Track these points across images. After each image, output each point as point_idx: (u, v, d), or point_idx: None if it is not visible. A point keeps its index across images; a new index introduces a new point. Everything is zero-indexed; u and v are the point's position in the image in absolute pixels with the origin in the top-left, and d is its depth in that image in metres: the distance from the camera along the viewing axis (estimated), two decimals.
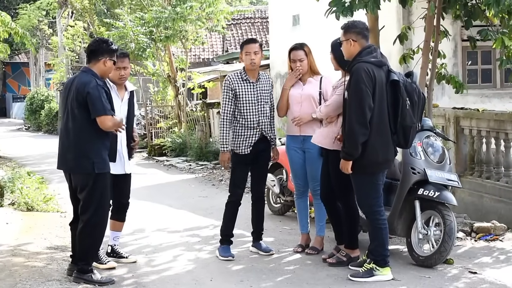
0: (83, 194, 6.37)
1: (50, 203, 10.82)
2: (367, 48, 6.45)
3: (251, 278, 6.69)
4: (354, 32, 6.50)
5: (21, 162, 19.07)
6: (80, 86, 6.28)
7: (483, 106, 10.82)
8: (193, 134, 20.05)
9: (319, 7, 9.05)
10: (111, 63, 6.48)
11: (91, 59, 6.48)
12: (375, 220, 6.51)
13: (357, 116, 6.24)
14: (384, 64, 6.44)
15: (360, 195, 6.61)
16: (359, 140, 6.26)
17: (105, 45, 6.46)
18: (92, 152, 6.29)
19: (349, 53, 6.53)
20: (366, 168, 6.39)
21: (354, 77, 6.31)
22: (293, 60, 7.47)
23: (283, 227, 9.16)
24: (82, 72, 6.50)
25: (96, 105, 6.20)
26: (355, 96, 6.27)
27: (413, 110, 6.44)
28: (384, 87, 6.34)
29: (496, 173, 9.53)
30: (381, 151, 6.38)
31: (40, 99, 37.44)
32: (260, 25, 32.52)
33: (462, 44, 12.29)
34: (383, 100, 6.33)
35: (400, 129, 6.42)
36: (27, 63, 49.23)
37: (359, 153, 6.30)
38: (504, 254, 7.53)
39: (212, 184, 13.92)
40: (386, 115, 6.36)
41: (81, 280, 6.37)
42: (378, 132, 6.31)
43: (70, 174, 6.51)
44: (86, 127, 6.26)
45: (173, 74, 21.59)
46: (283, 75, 17.42)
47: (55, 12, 37.45)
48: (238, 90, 7.41)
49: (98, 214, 6.38)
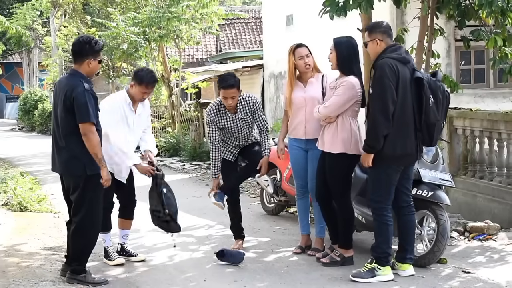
0: (75, 195, 6.35)
1: (43, 203, 10.80)
2: (392, 46, 6.51)
3: (245, 278, 6.69)
4: (379, 31, 6.54)
5: (15, 162, 19.03)
6: (68, 90, 6.21)
7: (476, 106, 10.84)
8: (187, 134, 20.04)
9: (312, 7, 9.06)
10: (96, 63, 6.41)
11: (76, 60, 6.41)
12: (381, 216, 6.50)
13: (380, 109, 6.27)
14: (409, 61, 6.47)
15: (372, 190, 6.59)
16: (382, 133, 6.28)
17: (88, 46, 6.36)
18: (83, 154, 6.22)
19: (375, 52, 6.54)
20: (383, 161, 6.38)
21: (378, 71, 6.35)
22: (300, 57, 7.29)
23: (277, 227, 9.16)
24: (70, 75, 6.43)
25: (81, 111, 6.15)
26: (378, 90, 6.30)
27: (437, 107, 6.45)
28: (408, 84, 6.36)
29: (490, 173, 9.55)
30: (400, 145, 6.37)
31: (34, 99, 37.38)
32: (254, 25, 32.48)
33: (456, 44, 12.30)
34: (407, 96, 6.35)
35: (424, 126, 6.44)
36: (21, 63, 49.09)
37: (381, 146, 6.32)
38: (498, 254, 7.54)
39: (206, 184, 13.91)
40: (409, 111, 6.37)
41: (74, 281, 6.36)
42: (398, 126, 6.32)
43: (62, 176, 6.51)
44: (75, 130, 6.20)
45: (167, 74, 21.57)
46: (277, 75, 17.44)
47: (48, 12, 37.37)
48: (219, 123, 7.70)
49: (90, 216, 6.34)
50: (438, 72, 6.76)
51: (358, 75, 6.96)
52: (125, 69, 26.94)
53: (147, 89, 7.14)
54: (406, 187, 6.63)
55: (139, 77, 7.09)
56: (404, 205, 6.60)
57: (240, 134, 7.75)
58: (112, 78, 28.01)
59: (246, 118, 7.68)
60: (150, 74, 7.19)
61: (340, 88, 6.86)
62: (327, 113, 6.91)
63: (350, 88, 6.83)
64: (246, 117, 7.67)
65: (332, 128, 6.92)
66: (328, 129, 6.96)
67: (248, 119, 7.69)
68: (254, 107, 7.67)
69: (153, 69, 7.48)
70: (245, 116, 7.66)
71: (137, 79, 7.10)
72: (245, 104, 7.64)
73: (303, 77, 7.41)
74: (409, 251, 6.62)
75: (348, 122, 6.88)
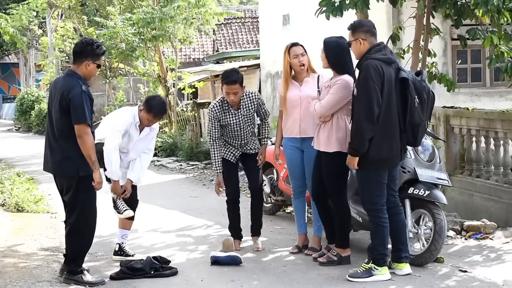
0: (68, 196, 6.33)
1: (40, 203, 10.79)
2: (376, 46, 6.47)
3: (242, 278, 6.69)
4: (362, 31, 6.50)
5: (11, 162, 18.99)
6: (65, 90, 6.18)
7: (473, 104, 10.86)
8: (183, 134, 20.03)
9: (309, 7, 9.06)
10: (94, 67, 6.38)
11: (75, 60, 6.40)
12: (377, 218, 6.50)
13: (365, 112, 6.25)
14: (394, 62, 6.43)
15: (363, 192, 6.60)
16: (366, 136, 6.27)
17: (90, 48, 6.35)
18: (76, 155, 6.18)
19: (359, 52, 6.51)
20: (370, 164, 6.38)
21: (363, 73, 6.32)
22: (295, 55, 7.34)
23: (274, 227, 9.16)
24: (67, 76, 6.41)
25: (77, 113, 6.12)
26: (363, 92, 6.28)
27: (422, 108, 6.43)
28: (393, 84, 6.34)
29: (486, 172, 9.56)
30: (386, 147, 6.36)
31: (30, 99, 37.31)
32: (251, 24, 32.50)
33: (452, 43, 12.33)
34: (391, 97, 6.33)
35: (409, 126, 6.42)
36: (17, 63, 49.05)
37: (366, 149, 6.31)
38: (494, 252, 7.55)
39: (203, 184, 13.91)
40: (394, 112, 6.35)
41: (71, 281, 6.35)
42: (383, 128, 6.30)
43: (55, 176, 6.49)
44: (70, 131, 6.17)
45: (164, 74, 21.57)
46: (274, 75, 17.44)
47: (45, 13, 37.33)
48: (222, 120, 7.65)
49: (84, 216, 6.31)
50: (422, 71, 6.72)
51: (352, 73, 6.95)
52: (121, 70, 26.92)
53: (154, 119, 7.10)
54: (391, 188, 6.62)
55: (149, 105, 7.02)
56: (391, 205, 6.59)
57: (242, 131, 7.70)
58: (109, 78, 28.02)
59: (249, 115, 7.67)
60: (161, 105, 7.11)
61: (334, 86, 6.87)
62: (322, 111, 6.90)
63: (344, 87, 6.83)
64: (249, 114, 7.67)
65: (328, 128, 6.92)
66: (323, 128, 6.96)
67: (250, 116, 7.68)
68: (257, 103, 7.70)
69: (165, 100, 7.37)
70: (248, 113, 7.66)
71: (146, 106, 7.02)
72: (248, 101, 7.65)
73: (298, 76, 7.43)
74: (404, 250, 6.62)
75: (343, 121, 6.88)
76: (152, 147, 7.39)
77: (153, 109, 7.01)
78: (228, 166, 7.78)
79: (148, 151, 7.32)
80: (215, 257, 7.19)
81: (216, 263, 7.14)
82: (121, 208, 7.11)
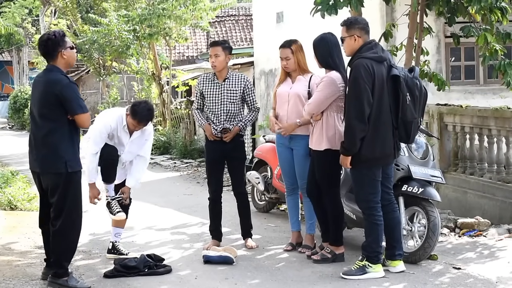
0: (56, 196, 6.12)
1: (33, 202, 10.74)
2: (368, 44, 6.45)
3: (236, 276, 6.69)
4: (358, 28, 6.49)
5: (5, 161, 18.95)
6: (52, 84, 6.06)
7: (466, 102, 10.85)
8: (177, 132, 20.01)
9: (303, 4, 9.07)
10: (69, 51, 6.20)
11: (48, 59, 6.21)
12: (371, 216, 6.50)
13: (355, 112, 6.25)
14: (385, 59, 6.41)
15: (357, 190, 6.61)
16: (357, 136, 6.27)
17: (50, 42, 6.16)
18: (65, 151, 6.08)
19: (352, 49, 6.49)
20: (363, 163, 6.39)
21: (353, 73, 6.32)
22: (280, 58, 7.44)
23: (268, 225, 9.16)
24: (48, 71, 6.22)
25: (74, 104, 6.05)
26: (354, 92, 6.29)
27: (414, 105, 6.42)
28: (384, 82, 6.33)
29: (480, 169, 9.58)
30: (378, 146, 6.36)
31: (24, 97, 37.14)
32: (244, 22, 32.45)
33: (446, 40, 12.32)
34: (383, 96, 6.33)
35: (401, 124, 6.42)
36: (11, 61, 48.84)
37: (358, 148, 6.31)
38: (488, 249, 7.57)
39: (196, 182, 13.91)
40: (386, 110, 6.35)
41: (55, 285, 6.13)
42: (375, 127, 6.30)
43: (39, 176, 6.28)
44: (58, 127, 6.07)
45: (158, 72, 21.53)
46: (267, 72, 17.42)
47: (38, 11, 37.24)
48: (205, 90, 7.69)
49: (70, 218, 6.13)
50: (415, 68, 6.69)
51: (341, 68, 6.92)
52: (115, 68, 26.87)
53: (139, 125, 7.04)
54: (386, 186, 6.62)
55: (134, 111, 6.96)
56: (386, 203, 6.60)
57: (222, 106, 7.60)
58: (103, 76, 27.94)
59: (233, 91, 7.62)
60: (146, 112, 7.00)
61: (321, 84, 6.89)
62: (310, 110, 6.94)
63: (330, 84, 6.82)
64: (233, 90, 7.61)
65: (319, 126, 6.94)
66: (315, 127, 6.99)
67: (235, 94, 7.62)
68: (245, 86, 7.69)
69: (152, 106, 7.32)
70: (231, 89, 7.62)
71: (132, 112, 6.97)
72: (236, 79, 7.67)
73: (292, 74, 7.47)
74: (398, 248, 6.63)
75: (332, 119, 6.89)
76: (147, 150, 7.30)
77: (138, 115, 6.94)
78: (212, 164, 7.76)
79: (144, 155, 7.26)
80: (207, 257, 7.18)
81: (208, 262, 7.14)
82: (114, 209, 7.09)
